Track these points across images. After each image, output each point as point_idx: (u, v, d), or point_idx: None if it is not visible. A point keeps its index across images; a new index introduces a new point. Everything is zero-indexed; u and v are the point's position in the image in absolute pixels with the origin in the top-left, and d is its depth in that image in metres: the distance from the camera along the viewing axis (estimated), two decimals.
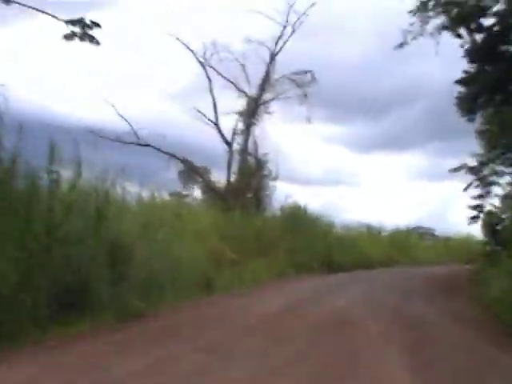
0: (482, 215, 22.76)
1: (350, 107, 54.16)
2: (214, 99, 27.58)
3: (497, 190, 22.30)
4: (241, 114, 28.65)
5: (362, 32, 49.64)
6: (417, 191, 71.66)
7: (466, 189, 22.80)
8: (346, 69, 47.77)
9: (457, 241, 44.94)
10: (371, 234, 35.10)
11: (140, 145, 25.29)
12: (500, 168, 21.86)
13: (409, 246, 37.71)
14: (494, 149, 21.08)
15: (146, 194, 16.08)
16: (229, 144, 27.44)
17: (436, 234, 49.21)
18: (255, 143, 28.37)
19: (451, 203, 62.86)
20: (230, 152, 27.47)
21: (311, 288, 18.38)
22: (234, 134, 27.57)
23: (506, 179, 21.82)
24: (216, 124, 27.31)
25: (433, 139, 62.41)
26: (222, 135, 27.43)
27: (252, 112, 28.40)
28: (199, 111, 27.01)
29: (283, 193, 29.23)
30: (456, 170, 23.09)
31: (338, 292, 17.10)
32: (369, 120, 59.84)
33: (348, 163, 63.80)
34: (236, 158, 27.96)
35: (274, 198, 28.44)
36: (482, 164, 22.12)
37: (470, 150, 22.79)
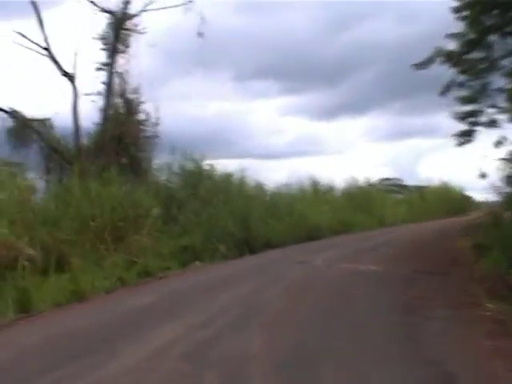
0: None
1: (305, 77, 57.23)
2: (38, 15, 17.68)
3: None
4: (102, 37, 19.16)
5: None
6: (382, 151, 67.81)
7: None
8: (295, 40, 47.61)
9: (434, 191, 36.15)
10: (317, 192, 25.93)
11: None
12: None
13: (372, 204, 28.65)
14: None
15: None
16: (69, 77, 17.70)
17: (406, 185, 40.41)
18: (122, 78, 18.93)
19: (418, 160, 63.80)
20: (74, 91, 17.85)
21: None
22: (75, 62, 17.98)
23: None
24: (47, 50, 17.45)
25: (392, 99, 63.84)
26: (59, 66, 17.64)
27: (115, 32, 18.93)
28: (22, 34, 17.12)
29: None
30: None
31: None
32: (326, 87, 63.12)
33: (310, 132, 64.05)
34: (91, 101, 18.40)
35: (160, 159, 19.08)
36: None
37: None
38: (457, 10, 13.61)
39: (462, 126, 15.53)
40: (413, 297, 8.64)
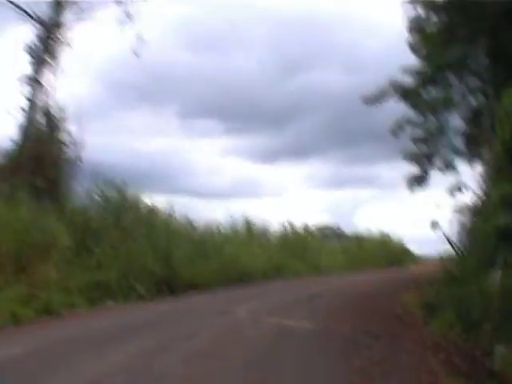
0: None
1: (250, 119, 55.41)
2: None
3: None
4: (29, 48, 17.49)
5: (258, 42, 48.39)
6: (321, 198, 67.51)
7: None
8: (242, 81, 47.18)
9: (372, 241, 35.32)
10: (251, 234, 24.51)
11: None
12: None
13: (308, 250, 27.40)
14: None
15: None
16: None
17: (344, 233, 39.44)
18: (48, 94, 17.26)
19: (357, 209, 63.72)
20: None
21: None
22: None
23: None
24: None
25: (334, 146, 63.02)
26: None
27: (43, 42, 17.35)
28: None
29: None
30: None
31: None
32: (270, 130, 60.95)
33: (251, 174, 62.37)
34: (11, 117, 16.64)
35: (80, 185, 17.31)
36: None
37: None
38: (412, 46, 12.70)
39: (412, 171, 14.52)
40: (356, 370, 6.68)
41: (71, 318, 11.04)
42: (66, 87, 17.35)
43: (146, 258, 15.39)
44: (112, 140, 42.65)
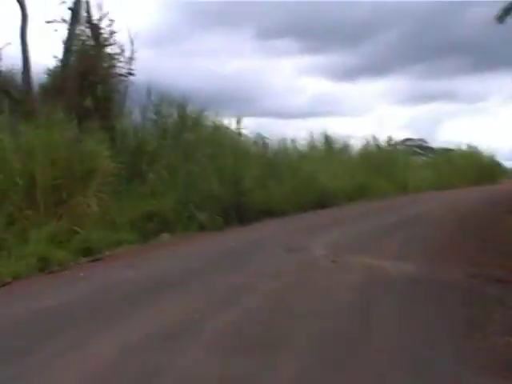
0: None
1: (326, 37, 53.54)
2: None
3: None
4: None
5: None
6: (403, 114, 64.93)
7: None
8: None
9: (462, 155, 32.21)
10: (331, 151, 22.09)
11: None
12: None
13: (394, 167, 24.77)
14: None
15: None
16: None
17: (431, 147, 36.28)
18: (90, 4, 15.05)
19: (439, 124, 60.60)
20: (23, 15, 14.05)
21: None
22: None
23: None
24: None
25: (414, 62, 61.32)
26: None
27: None
28: None
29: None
30: None
31: None
32: (347, 47, 58.18)
33: (330, 92, 60.64)
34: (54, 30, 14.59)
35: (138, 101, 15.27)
36: None
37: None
38: None
39: None
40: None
41: (111, 260, 9.17)
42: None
43: (210, 182, 13.41)
44: (187, 62, 41.82)
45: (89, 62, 14.91)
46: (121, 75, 15.33)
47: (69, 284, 7.35)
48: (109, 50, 15.33)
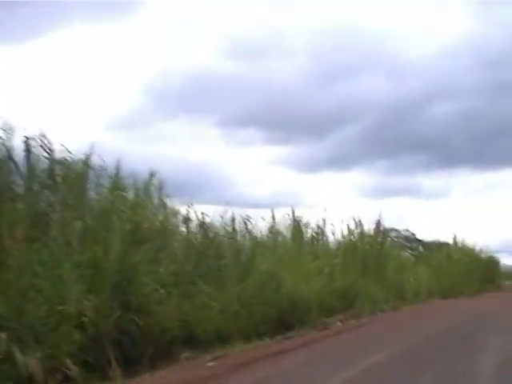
0: None
1: (291, 129, 51.46)
2: None
3: None
4: None
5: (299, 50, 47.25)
6: (368, 208, 62.50)
7: None
8: (284, 90, 43.90)
9: (460, 252, 25.74)
10: (300, 240, 15.17)
11: None
12: None
13: (385, 265, 18.01)
14: None
15: None
16: None
17: (421, 240, 29.57)
18: None
19: (405, 218, 59.08)
20: None
21: None
22: None
23: None
24: None
25: (378, 156, 60.68)
26: None
27: None
28: None
29: None
30: None
31: None
32: (312, 139, 58.21)
33: (295, 184, 54.57)
34: None
35: None
36: None
37: None
38: None
39: None
40: None
41: None
42: None
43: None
44: (151, 147, 40.39)
45: None
46: None
47: None
48: None
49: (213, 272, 10.20)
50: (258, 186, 54.81)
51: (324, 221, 16.99)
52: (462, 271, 23.11)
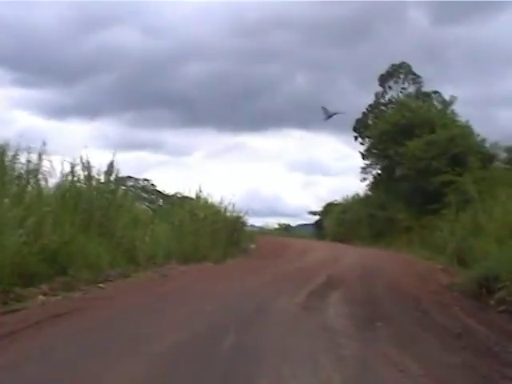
0: None
1: (42, 72, 52.24)
2: None
3: None
4: None
5: None
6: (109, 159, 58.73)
7: None
8: (41, 33, 42.24)
9: (204, 207, 22.88)
10: None
11: None
12: None
13: (115, 218, 14.28)
14: None
15: None
16: None
17: (162, 191, 26.34)
18: None
19: (148, 171, 54.84)
20: None
21: None
22: None
23: None
24: None
25: (126, 108, 61.66)
26: None
27: None
28: None
29: None
30: None
31: None
32: (62, 85, 60.82)
33: (41, 129, 58.36)
34: None
35: None
36: None
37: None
38: None
39: None
40: None
41: None
42: None
43: None
44: None
45: None
46: None
47: None
48: None
49: None
50: (3, 127, 51.51)
51: (40, 157, 12.69)
52: (206, 232, 20.27)
